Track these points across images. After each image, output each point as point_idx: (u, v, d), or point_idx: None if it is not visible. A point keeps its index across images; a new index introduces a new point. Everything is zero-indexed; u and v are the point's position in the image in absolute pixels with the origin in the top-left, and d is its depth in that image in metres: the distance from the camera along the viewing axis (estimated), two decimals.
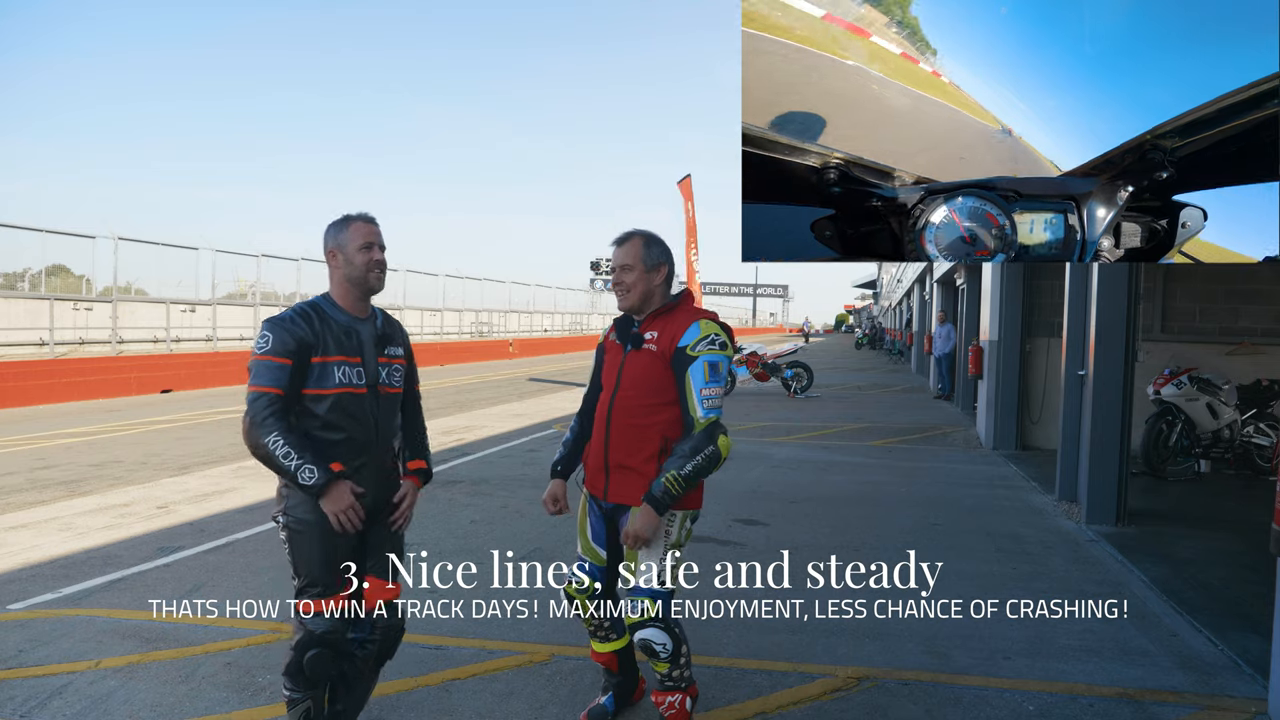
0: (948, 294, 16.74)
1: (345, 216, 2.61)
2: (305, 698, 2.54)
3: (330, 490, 2.41)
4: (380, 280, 2.62)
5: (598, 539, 2.90)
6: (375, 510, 2.63)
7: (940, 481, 7.65)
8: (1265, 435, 7.67)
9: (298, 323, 2.47)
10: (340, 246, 2.56)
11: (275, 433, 2.37)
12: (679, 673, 2.73)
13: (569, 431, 3.04)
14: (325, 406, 2.48)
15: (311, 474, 2.37)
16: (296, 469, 2.36)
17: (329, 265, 2.59)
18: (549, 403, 14.68)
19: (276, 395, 2.40)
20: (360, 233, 2.57)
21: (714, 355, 2.63)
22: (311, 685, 2.54)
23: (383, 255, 2.61)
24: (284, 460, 2.36)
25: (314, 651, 2.50)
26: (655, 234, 2.84)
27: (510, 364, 27.27)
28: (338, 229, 2.58)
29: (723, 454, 2.61)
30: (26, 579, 4.55)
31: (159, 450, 9.03)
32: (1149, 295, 9.06)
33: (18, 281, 17.09)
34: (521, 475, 7.74)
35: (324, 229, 2.62)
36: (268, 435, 2.36)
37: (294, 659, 2.51)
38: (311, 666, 2.50)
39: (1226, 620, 4.04)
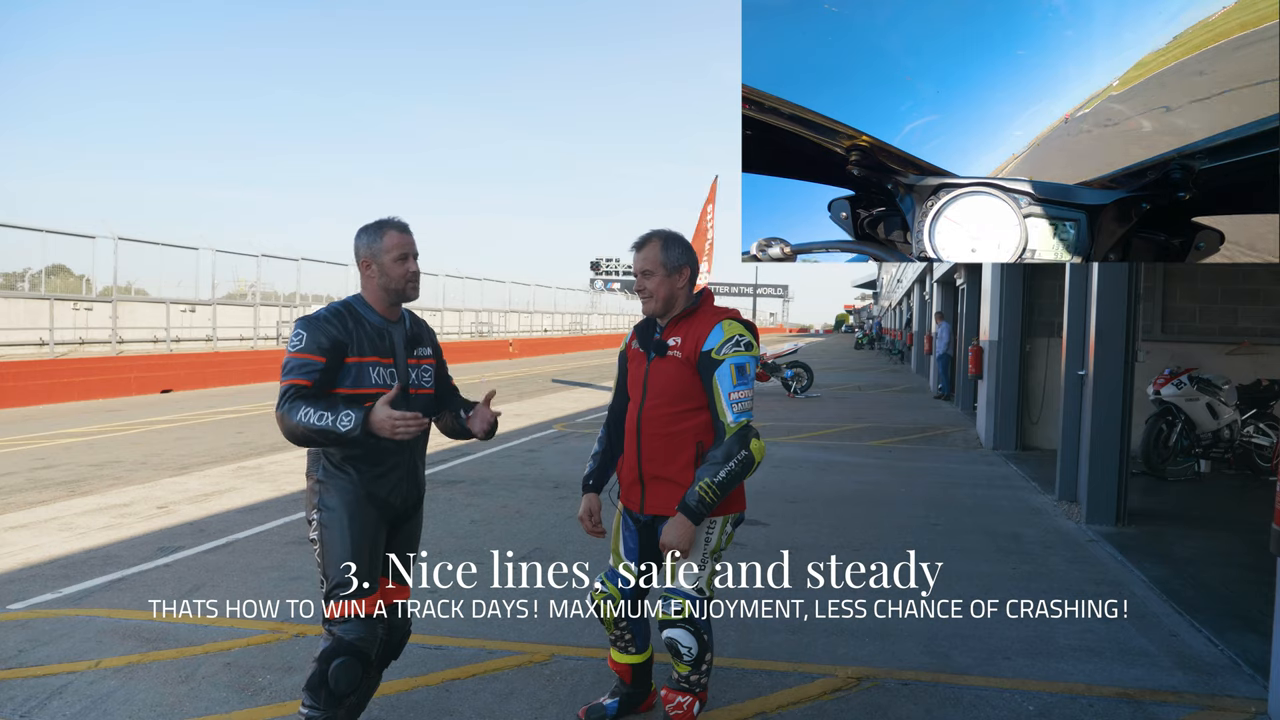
0: (948, 294, 16.74)
1: (379, 224, 2.56)
2: (325, 716, 2.42)
3: (373, 420, 2.32)
4: (416, 290, 2.59)
5: (630, 554, 2.85)
6: (404, 513, 2.63)
7: (940, 481, 7.65)
8: (1265, 435, 7.67)
9: (331, 321, 2.46)
10: (375, 257, 2.52)
11: (302, 408, 2.33)
12: (697, 677, 2.71)
13: (597, 444, 2.98)
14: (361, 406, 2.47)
15: (349, 418, 2.31)
16: (334, 423, 2.30)
17: (363, 273, 2.55)
18: (549, 403, 14.68)
19: (304, 385, 2.38)
20: (397, 244, 2.52)
21: (740, 357, 2.58)
22: (334, 700, 2.42)
23: (418, 265, 2.58)
24: (319, 423, 2.31)
25: (341, 660, 2.41)
26: (675, 233, 2.74)
27: (510, 364, 27.27)
28: (371, 238, 2.53)
29: (756, 458, 2.56)
30: (26, 579, 4.55)
31: (159, 450, 9.03)
32: (1149, 295, 9.06)
33: (18, 281, 17.09)
34: (522, 475, 7.74)
35: (355, 233, 2.57)
36: (296, 414, 2.33)
37: (317, 670, 2.42)
38: (337, 677, 2.40)
39: (1226, 620, 4.04)
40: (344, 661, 2.42)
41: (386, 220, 2.57)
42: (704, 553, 2.65)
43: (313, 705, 2.43)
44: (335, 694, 2.43)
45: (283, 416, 2.36)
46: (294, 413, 2.34)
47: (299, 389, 2.38)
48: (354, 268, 2.65)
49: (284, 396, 2.38)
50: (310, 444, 2.41)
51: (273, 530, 5.63)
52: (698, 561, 2.65)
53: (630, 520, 2.84)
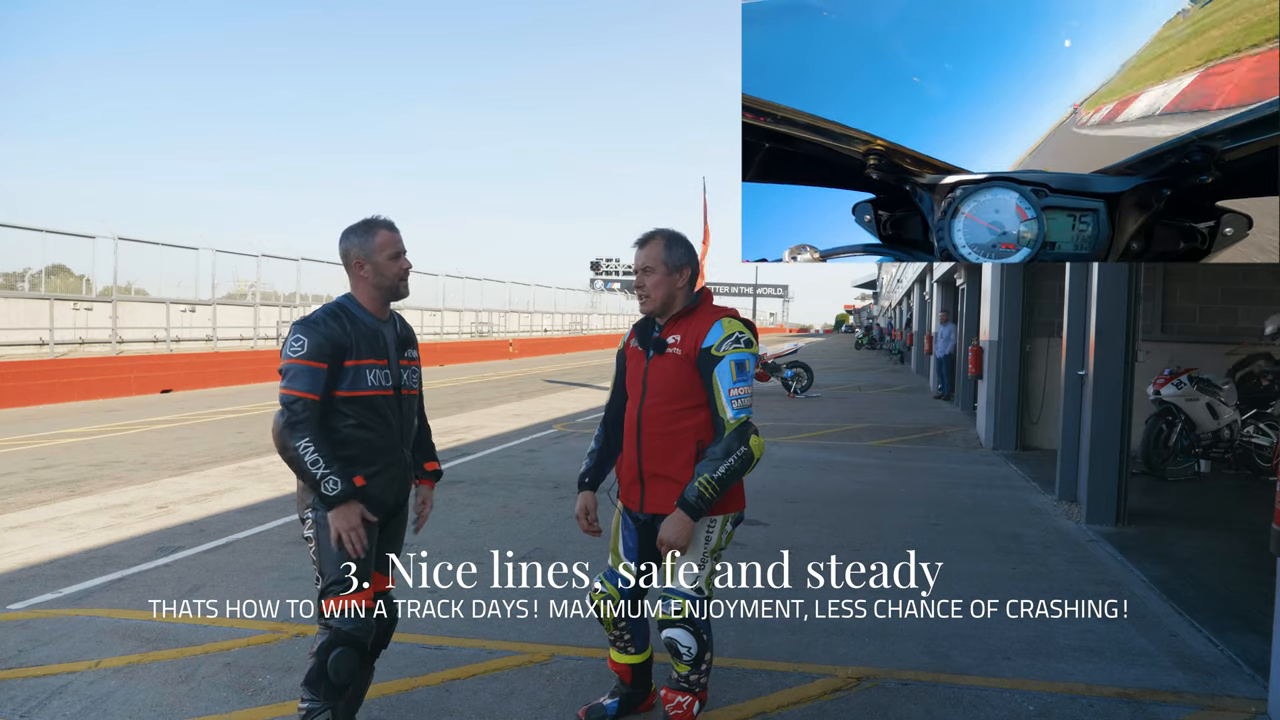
0: (948, 294, 16.73)
1: (367, 224, 2.57)
2: (325, 707, 2.44)
3: (345, 505, 2.42)
4: (408, 288, 2.63)
5: (629, 553, 2.85)
6: (395, 509, 2.66)
7: (940, 481, 7.65)
8: (1265, 435, 7.67)
9: (330, 324, 2.46)
10: (368, 257, 2.53)
11: (308, 438, 2.38)
12: (697, 677, 2.71)
13: (594, 441, 2.98)
14: (359, 408, 2.49)
15: (335, 485, 2.39)
16: (323, 478, 2.38)
17: (354, 274, 2.56)
18: (549, 403, 14.68)
19: (312, 400, 2.40)
20: (389, 242, 2.55)
21: (740, 354, 2.58)
22: (334, 691, 2.45)
23: (409, 261, 2.61)
24: (311, 467, 2.38)
25: (340, 650, 2.44)
26: (678, 233, 2.74)
27: (510, 364, 27.27)
28: (363, 238, 2.54)
29: (755, 454, 2.56)
30: (26, 579, 4.55)
31: (159, 450, 9.03)
32: (1149, 295, 9.06)
33: (18, 281, 17.10)
34: (521, 475, 7.74)
35: (341, 234, 2.57)
36: (299, 440, 2.37)
37: (316, 663, 2.44)
38: (336, 667, 2.43)
39: (1226, 620, 4.04)
40: (342, 652, 2.45)
41: (374, 219, 2.58)
42: (703, 551, 2.65)
43: (312, 698, 2.45)
44: (335, 685, 2.45)
45: (283, 431, 2.38)
46: (298, 437, 2.37)
47: (307, 405, 2.39)
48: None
49: (292, 409, 2.38)
50: (292, 466, 2.43)
51: (273, 530, 5.63)
52: (697, 560, 2.65)
53: (630, 519, 2.83)
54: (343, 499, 2.40)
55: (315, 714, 2.44)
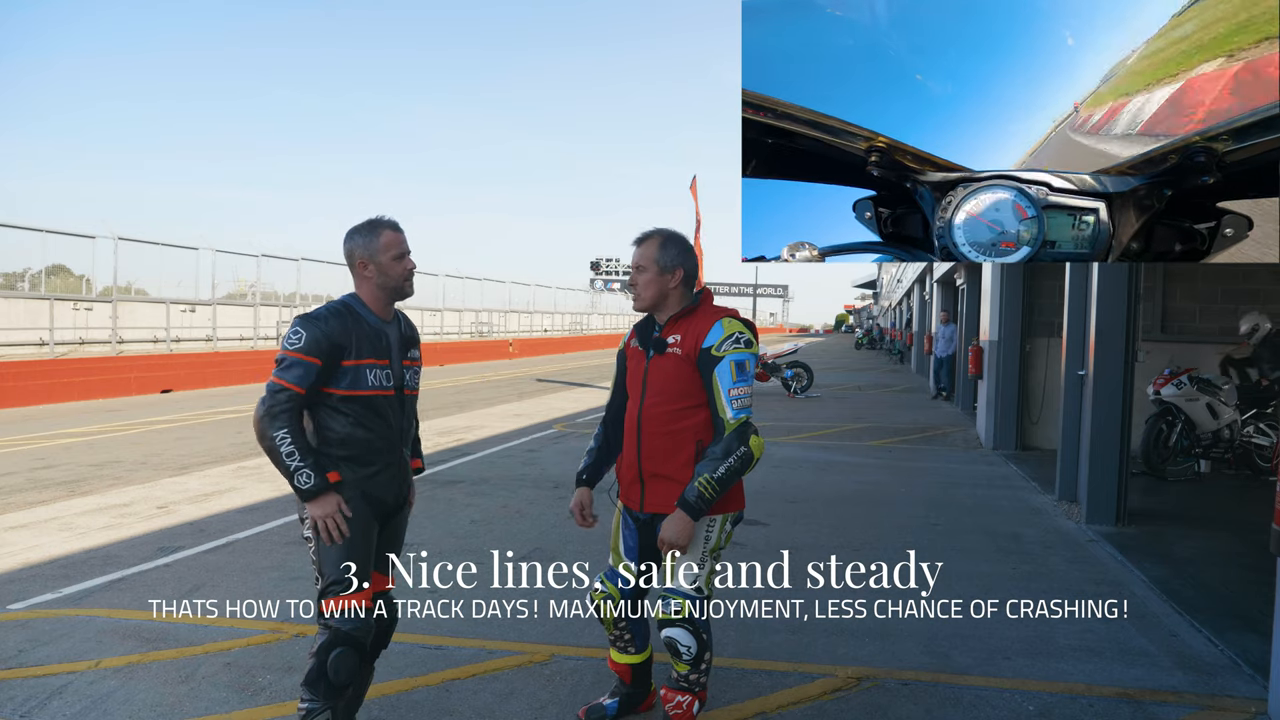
0: (948, 294, 16.73)
1: (371, 224, 2.57)
2: (325, 707, 2.45)
3: (321, 497, 2.43)
4: (413, 287, 2.64)
5: (629, 553, 2.85)
6: (395, 509, 2.67)
7: (940, 481, 7.65)
8: (1265, 435, 7.67)
9: (331, 322, 2.47)
10: (372, 257, 2.54)
11: (285, 430, 2.39)
12: (696, 676, 2.71)
13: (594, 440, 2.98)
14: (359, 407, 2.50)
15: (308, 479, 2.40)
16: (296, 470, 2.40)
17: (358, 275, 2.57)
18: (549, 403, 14.68)
19: (297, 393, 2.41)
20: (394, 242, 2.56)
21: (740, 354, 2.58)
22: (333, 691, 2.45)
23: (414, 261, 2.62)
24: (286, 459, 2.39)
25: (339, 650, 2.45)
26: (676, 234, 2.73)
27: (510, 364, 27.27)
28: (367, 239, 2.55)
29: (755, 454, 2.56)
30: (26, 579, 4.55)
31: (159, 450, 9.03)
32: (1149, 295, 9.06)
33: (18, 281, 17.10)
34: (521, 475, 7.74)
35: (345, 234, 2.58)
36: (278, 430, 2.39)
37: (316, 663, 2.44)
38: (336, 667, 2.43)
39: (1226, 620, 4.03)
40: (342, 652, 2.45)
41: (378, 220, 2.59)
42: (703, 551, 2.65)
43: (312, 698, 2.45)
44: (335, 685, 2.45)
45: (263, 419, 2.40)
46: (276, 427, 2.39)
47: (291, 397, 2.41)
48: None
49: (275, 398, 2.40)
50: (269, 456, 2.44)
51: (273, 530, 5.63)
52: (697, 560, 2.65)
53: (630, 519, 2.83)
54: (314, 494, 2.42)
55: (315, 714, 2.44)
